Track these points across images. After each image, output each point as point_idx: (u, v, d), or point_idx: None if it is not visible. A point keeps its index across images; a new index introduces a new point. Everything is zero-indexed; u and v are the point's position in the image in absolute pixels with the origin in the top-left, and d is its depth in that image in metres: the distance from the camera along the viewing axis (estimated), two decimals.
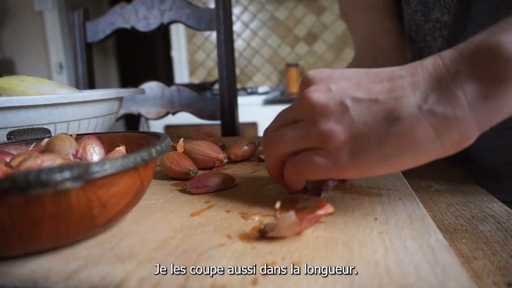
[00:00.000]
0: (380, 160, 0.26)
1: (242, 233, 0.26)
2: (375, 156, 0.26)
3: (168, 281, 0.20)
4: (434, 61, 0.27)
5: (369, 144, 0.26)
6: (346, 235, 0.25)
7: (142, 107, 0.99)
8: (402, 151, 0.25)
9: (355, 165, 0.27)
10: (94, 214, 0.24)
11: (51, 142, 0.34)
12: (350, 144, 0.27)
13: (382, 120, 0.26)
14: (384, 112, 0.26)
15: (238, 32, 2.68)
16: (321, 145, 0.28)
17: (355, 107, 0.27)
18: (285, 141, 0.30)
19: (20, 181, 0.19)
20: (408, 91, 0.26)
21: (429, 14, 0.58)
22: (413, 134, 0.25)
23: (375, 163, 0.26)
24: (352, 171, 0.27)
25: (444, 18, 0.55)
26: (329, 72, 0.30)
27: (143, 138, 0.35)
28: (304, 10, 2.59)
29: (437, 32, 0.57)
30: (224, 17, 0.90)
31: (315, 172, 0.29)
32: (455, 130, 0.25)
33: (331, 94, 0.28)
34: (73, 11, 0.98)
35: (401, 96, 0.26)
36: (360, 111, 0.27)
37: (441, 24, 0.56)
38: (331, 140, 0.27)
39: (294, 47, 2.63)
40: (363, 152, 0.26)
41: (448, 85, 0.25)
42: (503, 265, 0.27)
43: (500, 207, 0.38)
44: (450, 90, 0.25)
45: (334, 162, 0.27)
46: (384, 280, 0.19)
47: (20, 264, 0.23)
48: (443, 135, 0.25)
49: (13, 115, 0.46)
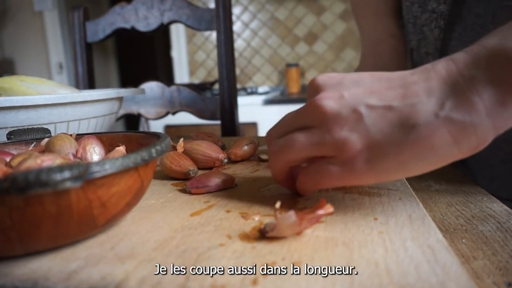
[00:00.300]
0: (397, 167, 0.26)
1: (242, 233, 0.26)
2: (392, 163, 0.26)
3: (168, 281, 0.20)
4: (446, 65, 0.26)
5: (386, 152, 0.26)
6: (346, 235, 0.25)
7: (142, 107, 0.99)
8: (419, 157, 0.25)
9: (371, 173, 0.26)
10: (94, 214, 0.24)
11: (51, 142, 0.34)
12: (366, 152, 0.26)
13: (399, 128, 0.25)
14: (400, 119, 0.25)
15: (238, 32, 2.68)
16: (335, 153, 0.27)
17: (369, 114, 0.26)
18: (296, 148, 0.29)
19: (20, 181, 0.19)
20: (423, 97, 0.25)
21: (426, 5, 0.58)
22: (430, 141, 0.25)
23: (392, 170, 0.26)
24: (368, 178, 0.27)
25: (440, 8, 0.56)
26: (339, 78, 0.29)
27: (143, 138, 0.35)
28: (304, 10, 2.59)
29: (434, 23, 0.57)
30: (224, 17, 0.90)
31: (330, 181, 0.28)
32: (473, 136, 0.24)
33: (344, 101, 0.27)
34: (73, 11, 0.98)
35: (416, 103, 0.25)
36: (375, 118, 0.26)
37: (437, 15, 0.56)
38: (346, 149, 0.26)
39: (294, 47, 2.63)
40: (380, 160, 0.26)
41: (464, 91, 0.25)
42: (503, 265, 0.27)
43: (500, 207, 0.38)
44: (466, 96, 0.24)
45: (350, 171, 0.27)
46: (384, 280, 0.19)
47: (20, 264, 0.23)
48: (461, 142, 0.24)
49: (13, 115, 0.46)
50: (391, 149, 0.25)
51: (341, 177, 0.27)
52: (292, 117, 0.31)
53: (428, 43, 0.59)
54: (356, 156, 0.26)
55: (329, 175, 0.28)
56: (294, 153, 0.30)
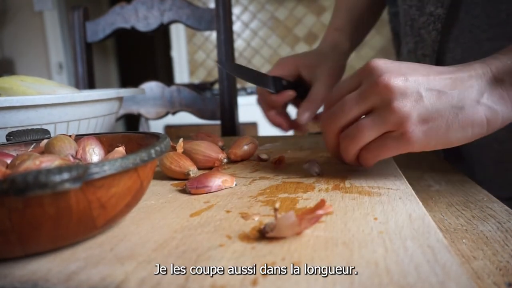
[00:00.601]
0: (444, 137, 0.33)
1: (242, 233, 0.26)
2: (442, 134, 0.33)
3: (168, 281, 0.20)
4: (481, 67, 0.33)
5: (439, 125, 0.32)
6: (346, 235, 0.25)
7: (142, 107, 0.99)
8: (462, 132, 0.33)
9: (424, 143, 0.33)
10: (94, 215, 0.24)
11: (51, 143, 0.34)
12: (423, 125, 0.32)
13: (450, 108, 0.32)
14: (451, 102, 0.32)
15: (238, 32, 2.68)
16: (396, 128, 0.33)
17: (428, 96, 0.32)
18: (366, 135, 0.34)
19: (18, 182, 0.19)
20: (467, 86, 0.33)
21: (424, 8, 0.59)
22: (472, 120, 0.32)
23: (440, 139, 0.33)
24: (419, 147, 0.33)
25: (437, 11, 0.56)
26: (396, 63, 0.34)
27: (142, 139, 0.35)
28: (304, 10, 2.59)
29: (431, 25, 0.58)
30: (224, 17, 0.90)
31: (389, 153, 0.34)
32: (499, 121, 0.33)
33: (409, 83, 0.32)
34: (73, 11, 0.98)
35: (463, 91, 0.33)
36: (433, 100, 0.32)
37: (434, 18, 0.57)
38: (408, 124, 0.32)
39: (294, 47, 2.63)
40: (434, 133, 0.32)
41: (497, 88, 0.33)
42: (503, 265, 0.27)
43: (501, 207, 0.38)
44: (498, 92, 0.33)
45: (407, 142, 0.33)
46: (384, 280, 0.19)
47: (19, 265, 0.23)
48: (490, 123, 0.33)
49: (13, 115, 0.46)
50: (443, 123, 0.32)
51: (398, 148, 0.33)
52: (355, 100, 0.34)
53: (425, 45, 0.60)
54: (414, 130, 0.32)
55: (389, 148, 0.34)
56: (363, 140, 0.34)
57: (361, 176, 0.39)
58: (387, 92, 0.32)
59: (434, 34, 0.58)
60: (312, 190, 0.35)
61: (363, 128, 0.34)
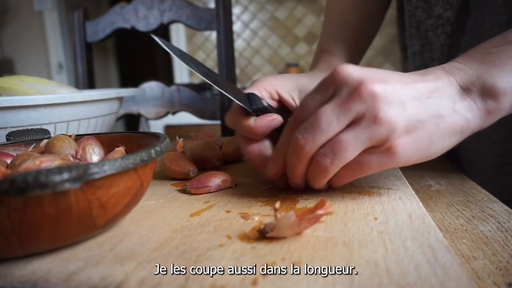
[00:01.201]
0: (426, 150, 0.30)
1: (242, 233, 0.26)
2: (424, 148, 0.30)
3: (168, 281, 0.20)
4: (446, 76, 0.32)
5: (422, 138, 0.30)
6: (346, 235, 0.25)
7: (142, 107, 0.99)
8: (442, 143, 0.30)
9: (408, 157, 0.30)
10: (94, 215, 0.24)
11: (51, 143, 0.34)
12: (407, 138, 0.29)
13: (431, 118, 0.30)
14: (431, 111, 0.30)
15: (238, 32, 2.68)
16: (382, 142, 0.29)
17: (410, 105, 0.29)
18: (347, 151, 0.29)
19: (19, 182, 0.19)
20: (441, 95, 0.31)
21: (431, 10, 0.57)
22: (450, 130, 0.30)
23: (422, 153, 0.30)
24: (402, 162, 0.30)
25: (447, 14, 0.55)
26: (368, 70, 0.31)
27: (142, 139, 0.35)
28: (304, 10, 2.59)
29: (440, 29, 0.56)
30: (224, 17, 0.90)
31: (370, 171, 0.30)
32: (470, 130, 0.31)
33: (391, 91, 0.29)
34: (73, 11, 0.98)
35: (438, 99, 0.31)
36: (415, 109, 0.30)
37: (443, 20, 0.55)
38: (394, 137, 0.29)
39: (294, 47, 2.63)
40: (417, 145, 0.29)
41: (465, 98, 0.31)
42: (503, 265, 0.27)
43: (501, 207, 0.38)
44: (467, 101, 0.31)
45: (391, 157, 0.29)
46: (384, 280, 0.19)
47: (19, 265, 0.23)
48: (464, 132, 0.31)
49: (13, 115, 0.46)
50: (426, 134, 0.30)
51: (382, 164, 0.30)
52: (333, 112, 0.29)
53: (433, 49, 0.58)
54: (399, 143, 0.29)
55: (372, 165, 0.30)
56: (345, 159, 0.29)
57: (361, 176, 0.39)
58: (372, 100, 0.28)
59: (443, 37, 0.56)
60: (312, 190, 0.35)
61: (346, 144, 0.29)
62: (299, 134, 0.30)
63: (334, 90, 0.30)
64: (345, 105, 0.29)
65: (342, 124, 0.29)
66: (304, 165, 0.31)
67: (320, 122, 0.29)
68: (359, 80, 0.29)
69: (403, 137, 0.29)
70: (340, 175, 0.31)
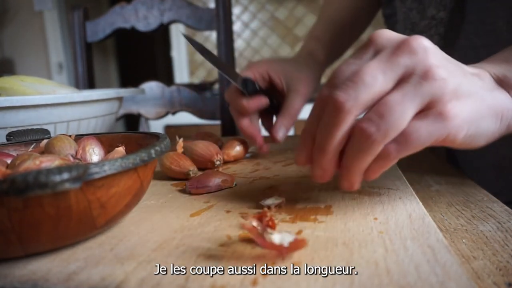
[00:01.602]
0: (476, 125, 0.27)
1: (242, 233, 0.26)
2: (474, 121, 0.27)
3: (168, 281, 0.20)
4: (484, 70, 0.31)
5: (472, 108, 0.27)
6: (346, 235, 0.25)
7: (142, 107, 0.99)
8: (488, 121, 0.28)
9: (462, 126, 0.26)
10: (94, 215, 0.24)
11: (51, 143, 0.34)
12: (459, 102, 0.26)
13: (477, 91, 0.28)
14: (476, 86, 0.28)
15: (238, 32, 2.68)
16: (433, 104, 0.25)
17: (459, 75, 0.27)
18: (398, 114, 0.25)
19: (19, 182, 0.19)
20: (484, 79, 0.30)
21: (425, 12, 0.58)
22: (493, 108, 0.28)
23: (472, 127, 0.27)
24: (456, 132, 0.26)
25: (440, 15, 0.55)
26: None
27: (142, 139, 0.35)
28: (304, 10, 2.59)
29: (433, 29, 0.57)
30: (224, 17, 0.90)
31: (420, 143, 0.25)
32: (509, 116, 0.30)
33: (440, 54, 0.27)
34: (73, 11, 0.98)
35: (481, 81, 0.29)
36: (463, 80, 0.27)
37: (437, 21, 0.56)
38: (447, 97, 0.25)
39: (294, 47, 2.63)
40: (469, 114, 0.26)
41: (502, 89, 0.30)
42: (503, 265, 0.27)
43: (501, 207, 0.38)
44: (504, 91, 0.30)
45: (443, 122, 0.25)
46: (384, 280, 0.19)
47: (19, 265, 0.23)
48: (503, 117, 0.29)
49: (13, 115, 0.46)
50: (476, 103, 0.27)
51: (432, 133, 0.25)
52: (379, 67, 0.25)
53: None
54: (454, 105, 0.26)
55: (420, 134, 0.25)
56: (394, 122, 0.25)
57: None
58: (424, 53, 0.25)
59: (436, 38, 0.56)
60: (312, 190, 0.35)
61: (394, 104, 0.24)
62: (338, 91, 0.25)
63: (375, 51, 0.27)
64: (393, 58, 0.25)
65: (389, 80, 0.25)
66: (343, 132, 0.26)
67: (364, 76, 0.25)
68: (403, 37, 0.26)
69: (454, 101, 0.26)
70: (383, 152, 0.26)
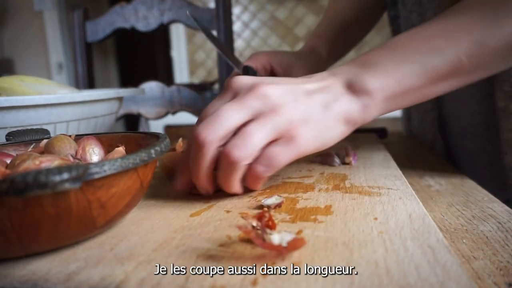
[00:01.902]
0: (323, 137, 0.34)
1: (242, 233, 0.26)
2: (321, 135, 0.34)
3: (168, 281, 0.20)
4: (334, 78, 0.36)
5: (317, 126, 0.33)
6: (346, 235, 0.25)
7: (142, 107, 0.99)
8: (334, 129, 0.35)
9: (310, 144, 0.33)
10: (94, 215, 0.24)
11: (51, 143, 0.34)
12: (306, 126, 0.33)
13: (320, 109, 0.34)
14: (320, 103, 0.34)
15: (238, 32, 2.68)
16: (284, 132, 0.32)
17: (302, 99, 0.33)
18: (254, 137, 0.31)
19: (18, 182, 0.19)
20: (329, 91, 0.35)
21: (424, 14, 0.59)
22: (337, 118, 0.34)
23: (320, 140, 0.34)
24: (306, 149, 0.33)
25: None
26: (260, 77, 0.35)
27: (142, 139, 0.35)
28: (304, 10, 2.59)
29: None
30: (224, 17, 0.90)
31: (281, 161, 0.32)
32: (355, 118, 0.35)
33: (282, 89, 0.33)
34: (73, 11, 0.98)
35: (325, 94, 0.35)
36: (306, 102, 0.33)
37: None
38: (295, 125, 0.32)
39: (294, 47, 2.63)
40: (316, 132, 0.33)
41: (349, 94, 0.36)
42: (503, 265, 0.27)
43: (501, 207, 0.38)
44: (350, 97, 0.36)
45: (297, 144, 0.32)
46: (384, 280, 0.19)
47: (19, 265, 0.23)
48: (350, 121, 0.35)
49: (13, 115, 0.46)
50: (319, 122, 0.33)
51: (290, 153, 0.32)
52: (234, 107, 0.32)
53: None
54: (301, 131, 0.32)
55: (281, 155, 0.32)
56: (254, 146, 0.31)
57: (361, 176, 0.39)
58: (266, 99, 0.32)
59: None
60: (312, 190, 0.35)
61: (252, 131, 0.31)
62: (199, 129, 0.31)
63: (232, 95, 0.34)
64: (243, 101, 0.32)
65: (242, 117, 0.32)
66: (208, 161, 0.32)
67: (219, 115, 0.31)
68: (252, 84, 0.33)
69: (301, 126, 0.32)
70: (254, 173, 0.32)
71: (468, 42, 0.36)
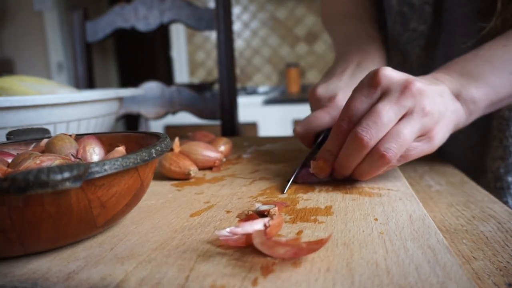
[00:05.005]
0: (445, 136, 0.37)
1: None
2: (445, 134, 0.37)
3: (168, 281, 0.20)
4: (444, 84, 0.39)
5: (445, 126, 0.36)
6: (346, 236, 0.25)
7: (142, 107, 0.99)
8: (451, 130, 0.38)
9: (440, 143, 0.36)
10: (94, 214, 0.24)
11: (52, 142, 0.34)
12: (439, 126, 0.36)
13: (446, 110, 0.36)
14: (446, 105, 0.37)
15: (238, 32, 2.68)
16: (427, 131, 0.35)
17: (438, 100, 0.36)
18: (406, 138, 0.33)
19: (19, 181, 0.19)
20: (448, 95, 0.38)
21: (407, 25, 0.60)
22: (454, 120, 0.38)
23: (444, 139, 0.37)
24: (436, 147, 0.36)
25: (420, 28, 0.58)
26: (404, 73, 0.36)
27: (143, 138, 0.35)
28: (304, 10, 2.59)
29: (414, 42, 0.60)
30: (224, 17, 0.90)
31: (416, 157, 0.35)
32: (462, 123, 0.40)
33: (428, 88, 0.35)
34: (72, 11, 0.98)
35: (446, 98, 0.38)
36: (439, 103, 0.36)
37: (417, 34, 0.59)
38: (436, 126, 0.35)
39: (294, 47, 2.63)
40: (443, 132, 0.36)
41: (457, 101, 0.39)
42: (503, 266, 0.27)
43: (501, 207, 0.38)
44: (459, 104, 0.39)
45: (432, 143, 0.35)
46: (384, 280, 0.19)
47: (19, 264, 0.23)
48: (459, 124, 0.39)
49: (13, 115, 0.46)
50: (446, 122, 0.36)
51: (424, 150, 0.35)
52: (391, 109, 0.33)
53: (411, 61, 0.62)
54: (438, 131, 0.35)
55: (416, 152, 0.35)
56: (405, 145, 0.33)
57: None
58: (420, 96, 0.34)
59: (418, 50, 0.59)
60: (312, 191, 0.35)
61: (406, 135, 0.33)
62: (362, 132, 0.33)
63: (382, 92, 0.35)
64: (400, 101, 0.34)
65: (397, 117, 0.34)
66: (361, 158, 0.35)
67: (382, 118, 0.33)
68: (405, 81, 0.34)
69: (437, 125, 0.35)
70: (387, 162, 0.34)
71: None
